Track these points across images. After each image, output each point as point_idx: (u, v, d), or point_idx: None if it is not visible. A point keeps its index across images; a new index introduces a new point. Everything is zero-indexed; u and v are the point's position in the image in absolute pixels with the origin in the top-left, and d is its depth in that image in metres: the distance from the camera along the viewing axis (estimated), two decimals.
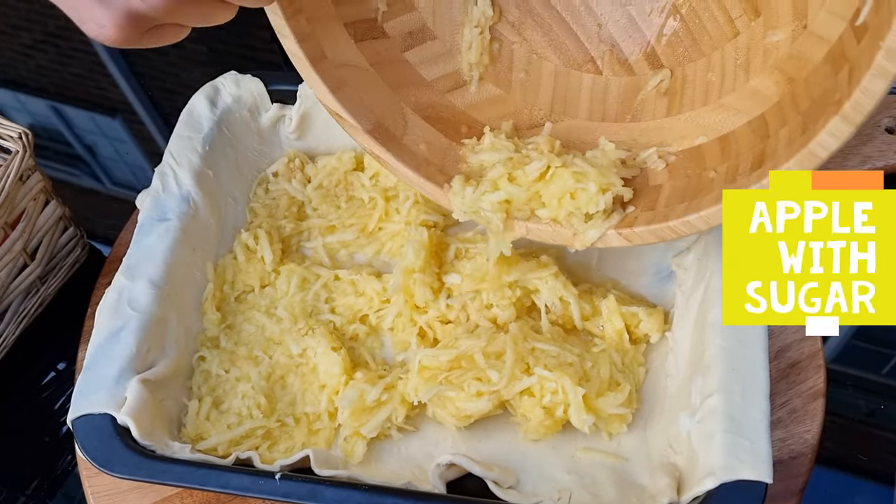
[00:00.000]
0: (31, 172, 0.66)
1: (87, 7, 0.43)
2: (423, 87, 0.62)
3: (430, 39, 0.63)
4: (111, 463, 0.53)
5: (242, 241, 0.68)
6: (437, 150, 0.60)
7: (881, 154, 0.73)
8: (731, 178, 0.54)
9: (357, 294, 0.66)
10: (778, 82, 0.56)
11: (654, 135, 0.61)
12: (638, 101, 0.62)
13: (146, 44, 0.46)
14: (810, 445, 0.59)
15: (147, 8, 0.43)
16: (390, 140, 0.59)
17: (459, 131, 0.62)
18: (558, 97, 0.63)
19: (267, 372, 0.63)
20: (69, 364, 0.71)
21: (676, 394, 0.58)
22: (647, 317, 0.62)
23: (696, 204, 0.54)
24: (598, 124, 0.62)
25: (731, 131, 0.57)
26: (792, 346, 0.63)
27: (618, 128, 0.62)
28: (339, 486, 0.52)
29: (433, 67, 0.63)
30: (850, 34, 0.50)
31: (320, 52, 0.57)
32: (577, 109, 0.63)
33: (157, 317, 0.60)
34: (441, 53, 0.63)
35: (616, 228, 0.56)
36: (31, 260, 0.69)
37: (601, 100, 0.63)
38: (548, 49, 0.63)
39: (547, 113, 0.63)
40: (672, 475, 0.54)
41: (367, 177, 0.71)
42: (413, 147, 0.60)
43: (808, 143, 0.48)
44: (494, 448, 0.59)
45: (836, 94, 0.48)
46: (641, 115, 0.62)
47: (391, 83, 0.61)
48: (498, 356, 0.59)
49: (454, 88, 0.63)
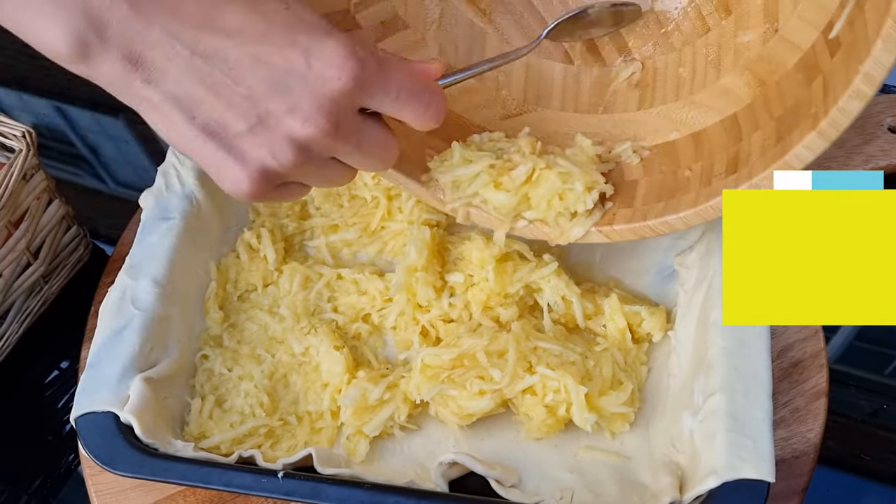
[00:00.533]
0: (35, 171, 0.67)
1: (225, 165, 0.45)
2: None
3: (403, 29, 0.63)
4: (114, 461, 0.53)
5: (245, 239, 0.68)
6: (416, 144, 0.59)
7: (884, 153, 0.73)
8: (707, 180, 0.55)
9: (359, 293, 0.66)
10: (749, 83, 0.56)
11: (628, 127, 0.61)
12: (610, 93, 0.62)
13: (274, 198, 0.49)
14: (813, 445, 0.59)
15: (278, 166, 0.45)
16: None
17: None
18: (531, 87, 0.64)
19: (269, 370, 0.63)
20: (72, 362, 0.71)
21: (679, 393, 0.58)
22: (650, 316, 0.62)
23: (673, 204, 0.55)
24: (571, 115, 0.63)
25: (704, 129, 0.58)
26: (794, 345, 0.63)
27: (591, 119, 0.62)
28: (342, 485, 0.52)
29: (407, 57, 0.63)
30: (822, 45, 0.51)
31: None
32: (549, 99, 0.63)
33: (160, 315, 0.60)
34: (414, 42, 0.63)
35: (596, 226, 0.56)
36: (35, 259, 0.69)
37: (573, 90, 0.63)
38: (518, 36, 0.63)
39: (520, 103, 0.63)
40: (674, 474, 0.54)
41: (369, 176, 0.71)
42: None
43: (784, 154, 0.49)
44: (497, 447, 0.59)
45: (811, 106, 0.49)
46: (613, 107, 0.62)
47: None
48: (500, 355, 0.59)
49: None
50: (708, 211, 0.53)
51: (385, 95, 0.46)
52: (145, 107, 0.44)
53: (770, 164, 0.50)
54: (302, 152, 0.45)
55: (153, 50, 0.42)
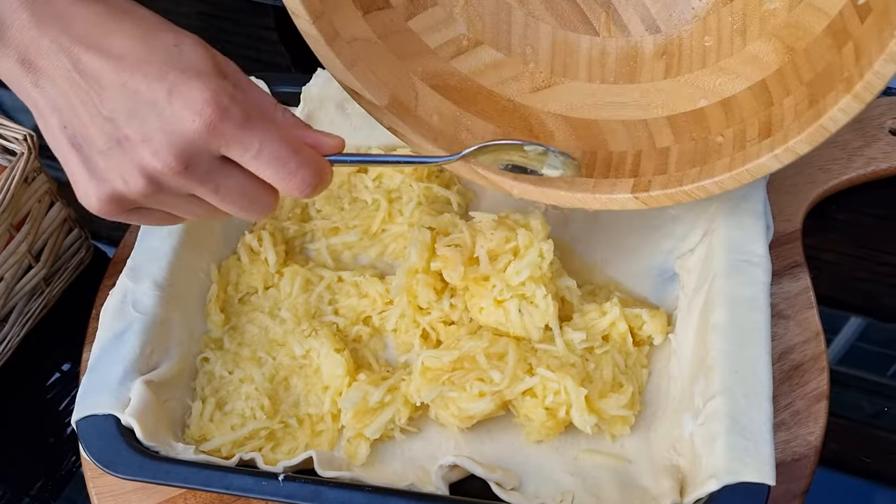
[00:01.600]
0: (37, 174, 0.67)
1: (81, 178, 0.47)
2: (428, 56, 0.63)
3: (431, 6, 0.63)
4: (115, 464, 0.54)
5: (246, 242, 0.68)
6: (449, 119, 0.60)
7: (885, 156, 0.73)
8: (740, 145, 0.55)
9: (360, 296, 0.66)
10: (776, 50, 0.57)
11: (656, 96, 0.62)
12: (637, 63, 0.63)
13: (132, 220, 0.50)
14: (813, 447, 0.59)
15: (128, 190, 0.47)
16: (406, 114, 0.59)
17: (467, 98, 0.62)
18: (557, 59, 0.64)
19: (270, 373, 0.63)
20: (73, 365, 0.71)
21: (679, 396, 0.58)
22: (651, 319, 0.62)
23: (708, 169, 0.55)
24: (598, 86, 0.63)
25: (733, 95, 0.58)
26: (795, 348, 0.63)
27: (617, 89, 0.63)
28: (342, 488, 0.52)
29: (436, 34, 0.63)
30: (851, 11, 0.51)
31: (333, 31, 0.57)
32: (576, 71, 0.64)
33: (160, 318, 0.60)
34: (442, 20, 0.64)
35: (633, 192, 0.56)
36: (36, 261, 0.69)
37: (599, 61, 0.64)
38: (544, 11, 0.64)
39: (548, 75, 0.64)
40: (675, 477, 0.54)
41: (370, 178, 0.71)
42: (427, 118, 0.60)
43: (819, 117, 0.50)
44: (497, 450, 0.59)
45: (843, 71, 0.50)
46: (640, 77, 0.63)
47: (399, 53, 0.61)
48: (500, 357, 0.59)
49: (457, 55, 0.64)
50: (744, 175, 0.53)
51: (243, 150, 0.46)
52: (32, 107, 0.47)
53: (806, 128, 0.51)
54: (152, 183, 0.46)
55: (43, 58, 0.45)
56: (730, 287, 0.57)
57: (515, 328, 0.60)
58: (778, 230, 0.67)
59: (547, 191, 0.58)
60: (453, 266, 0.61)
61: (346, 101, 0.71)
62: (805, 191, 0.71)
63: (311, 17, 0.55)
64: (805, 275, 0.66)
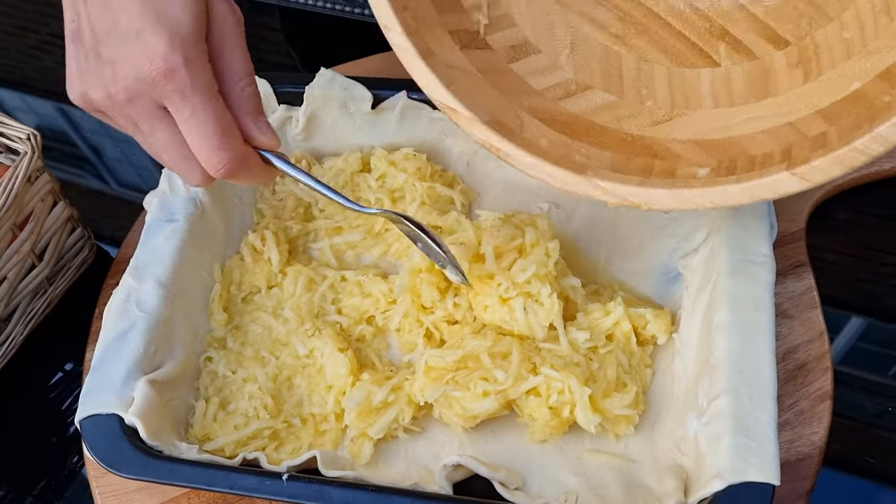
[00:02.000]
0: (40, 174, 0.67)
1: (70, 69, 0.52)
2: (534, 95, 0.60)
3: (534, 53, 0.61)
4: (118, 463, 0.54)
5: (249, 242, 0.68)
6: (560, 145, 0.57)
7: (889, 156, 0.73)
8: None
9: (363, 295, 0.66)
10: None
11: (796, 102, 0.56)
12: (768, 78, 0.59)
13: (105, 120, 0.53)
14: (818, 447, 0.59)
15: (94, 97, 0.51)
16: (509, 134, 0.56)
17: (578, 132, 0.59)
18: (677, 94, 0.61)
19: (274, 373, 0.63)
20: (77, 365, 0.71)
21: (683, 395, 0.58)
22: (655, 318, 0.62)
23: (881, 121, 0.48)
24: (727, 110, 0.59)
25: (891, 64, 0.52)
26: (799, 347, 0.63)
27: (752, 108, 0.58)
28: (346, 487, 0.52)
29: (541, 78, 0.61)
30: None
31: (427, 48, 0.55)
32: (700, 101, 0.60)
33: (164, 318, 0.60)
34: (547, 66, 0.61)
35: (788, 169, 0.50)
36: (39, 261, 0.69)
37: (725, 87, 0.60)
38: (657, 53, 0.61)
39: (668, 110, 0.60)
40: (679, 477, 0.54)
41: (373, 178, 0.71)
42: (534, 141, 0.57)
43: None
44: (501, 450, 0.59)
45: None
46: (776, 90, 0.58)
47: (501, 90, 0.59)
48: (504, 356, 0.59)
49: (566, 97, 0.61)
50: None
51: (176, 111, 0.50)
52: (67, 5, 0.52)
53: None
54: (107, 99, 0.51)
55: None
56: (734, 286, 0.57)
57: (520, 326, 0.60)
58: (782, 230, 0.67)
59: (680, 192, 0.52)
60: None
61: (349, 101, 0.71)
62: (809, 191, 0.71)
63: (405, 31, 0.54)
64: (809, 274, 0.66)
